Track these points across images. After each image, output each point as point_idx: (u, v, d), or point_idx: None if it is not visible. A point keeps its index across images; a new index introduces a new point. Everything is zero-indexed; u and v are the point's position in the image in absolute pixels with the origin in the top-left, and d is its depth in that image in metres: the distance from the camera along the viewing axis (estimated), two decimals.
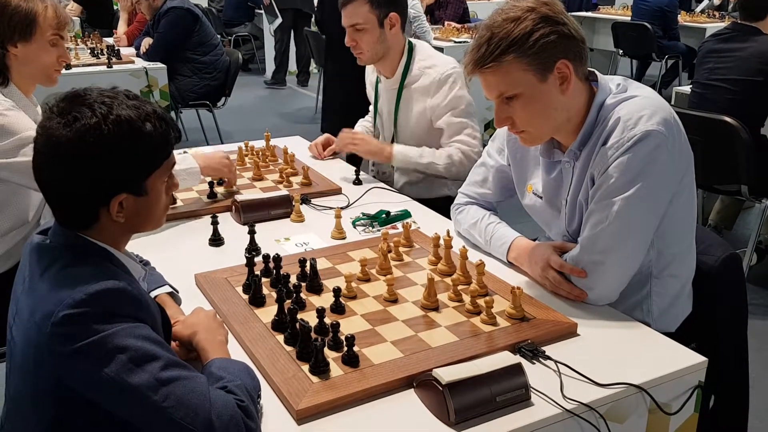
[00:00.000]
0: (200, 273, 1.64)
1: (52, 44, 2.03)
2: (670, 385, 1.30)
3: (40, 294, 1.08)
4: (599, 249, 1.49)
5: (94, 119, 1.08)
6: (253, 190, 2.23)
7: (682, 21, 7.11)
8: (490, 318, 1.42)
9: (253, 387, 1.17)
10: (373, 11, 2.29)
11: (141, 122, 1.12)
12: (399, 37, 2.38)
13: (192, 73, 4.85)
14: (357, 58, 2.40)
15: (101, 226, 1.15)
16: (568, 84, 1.47)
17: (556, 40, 1.43)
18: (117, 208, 1.13)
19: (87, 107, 1.10)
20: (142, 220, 1.19)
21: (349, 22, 2.32)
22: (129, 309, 1.08)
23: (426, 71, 2.39)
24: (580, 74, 1.50)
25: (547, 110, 1.49)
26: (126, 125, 1.10)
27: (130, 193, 1.14)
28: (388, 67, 2.43)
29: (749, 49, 3.20)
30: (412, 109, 2.42)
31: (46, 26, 1.99)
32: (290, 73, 8.85)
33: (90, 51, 4.77)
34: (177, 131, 1.21)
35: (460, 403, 1.16)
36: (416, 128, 2.43)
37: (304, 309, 1.47)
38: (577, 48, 1.47)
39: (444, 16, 6.72)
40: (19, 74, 2.02)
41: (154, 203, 1.19)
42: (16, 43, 1.97)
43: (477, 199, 1.89)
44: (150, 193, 1.16)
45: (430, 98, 2.37)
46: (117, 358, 1.03)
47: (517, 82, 1.45)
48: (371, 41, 2.32)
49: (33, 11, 1.97)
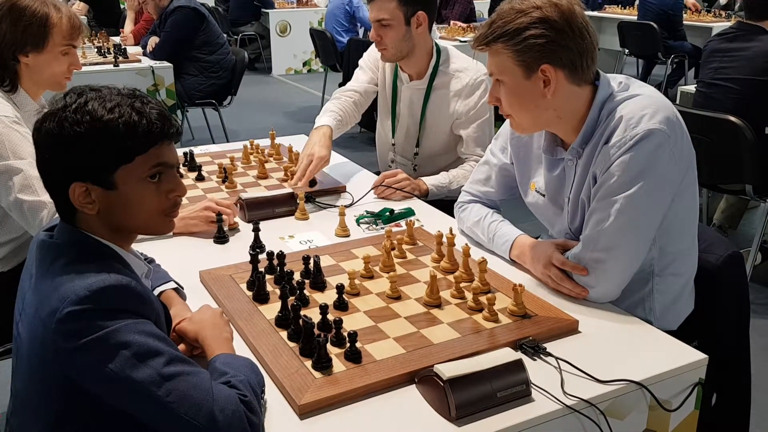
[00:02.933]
0: (205, 270, 1.66)
1: (64, 53, 2.00)
2: (671, 382, 1.31)
3: (45, 290, 1.10)
4: (601, 247, 1.50)
5: (58, 107, 1.11)
6: (258, 189, 2.25)
7: (688, 20, 7.10)
8: (491, 315, 1.43)
9: (257, 382, 1.18)
10: (400, 8, 2.26)
11: (106, 112, 1.09)
12: (426, 38, 2.36)
13: (198, 72, 4.88)
14: (381, 54, 2.37)
15: (81, 216, 1.16)
16: (552, 88, 1.48)
17: (543, 45, 1.45)
18: (81, 198, 1.12)
19: (65, 97, 1.12)
20: (121, 217, 1.16)
21: (375, 16, 2.29)
22: (132, 305, 1.10)
23: (458, 74, 2.38)
24: (574, 80, 1.50)
25: (526, 105, 1.53)
26: (86, 113, 1.09)
27: (93, 184, 1.12)
28: (414, 67, 2.41)
29: (754, 49, 3.19)
30: (439, 111, 2.41)
31: (59, 37, 1.97)
32: (296, 71, 8.87)
33: (97, 50, 4.79)
34: (166, 127, 1.14)
35: (461, 398, 1.17)
36: (441, 131, 2.43)
37: (307, 306, 1.48)
38: (570, 58, 1.47)
39: (450, 15, 6.72)
40: (29, 81, 2.01)
41: (134, 200, 1.15)
42: (27, 53, 1.95)
43: (480, 197, 1.89)
44: (122, 188, 1.13)
45: (461, 101, 2.36)
46: (121, 354, 1.04)
47: (504, 70, 1.51)
48: (396, 38, 2.30)
49: (48, 22, 1.94)
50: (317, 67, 8.68)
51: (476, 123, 2.36)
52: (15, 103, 1.98)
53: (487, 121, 2.38)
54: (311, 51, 8.00)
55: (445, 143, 2.45)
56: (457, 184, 2.31)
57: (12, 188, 1.82)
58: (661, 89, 6.63)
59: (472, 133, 2.37)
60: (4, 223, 1.98)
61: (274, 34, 8.65)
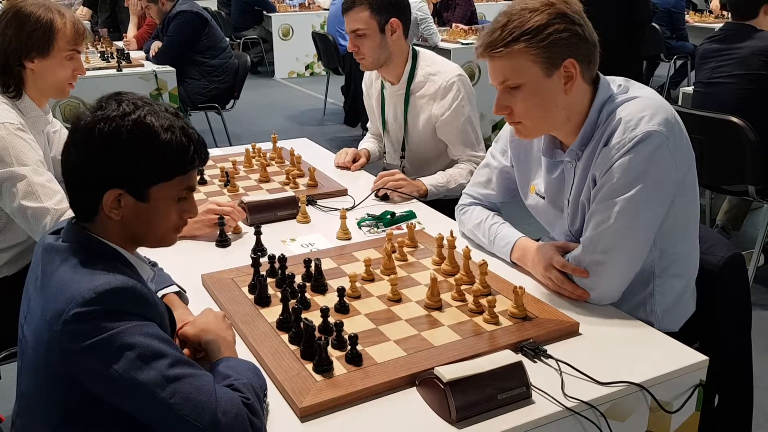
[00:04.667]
0: (207, 273, 1.66)
1: (69, 59, 2.01)
2: (671, 384, 1.31)
3: (51, 292, 1.11)
4: (601, 249, 1.50)
5: (115, 113, 1.13)
6: (260, 192, 2.25)
7: (691, 21, 7.08)
8: (492, 317, 1.43)
9: (260, 386, 1.19)
10: (373, 17, 2.32)
11: (162, 131, 1.14)
12: (401, 44, 2.40)
13: (201, 76, 4.89)
14: (359, 63, 2.42)
15: (101, 220, 1.17)
16: (572, 84, 1.48)
17: (567, 38, 1.45)
18: (112, 203, 1.14)
19: (117, 102, 1.15)
20: (141, 228, 1.19)
21: (350, 27, 2.35)
22: (138, 307, 1.11)
23: (431, 78, 2.41)
24: (586, 76, 1.51)
25: (546, 105, 1.51)
26: (144, 128, 1.13)
27: (129, 193, 1.15)
28: (393, 72, 2.45)
29: (748, 47, 3.18)
30: (419, 115, 2.44)
31: (64, 42, 1.97)
32: (299, 74, 8.89)
33: (100, 54, 4.81)
34: (204, 155, 1.21)
35: (462, 401, 1.17)
36: (424, 134, 2.46)
37: (308, 309, 1.48)
38: (588, 50, 1.48)
39: (452, 18, 6.73)
40: (34, 87, 2.01)
41: (158, 216, 1.19)
42: (33, 58, 1.96)
43: (481, 199, 1.90)
44: (153, 203, 1.17)
45: (436, 104, 2.39)
46: (125, 355, 1.05)
47: (523, 72, 1.47)
48: (372, 47, 2.35)
49: (52, 27, 1.95)
50: (320, 70, 8.70)
51: (457, 125, 2.38)
52: (19, 109, 1.99)
53: (468, 120, 2.39)
54: (313, 54, 8.01)
55: (433, 147, 2.47)
56: (455, 183, 2.34)
57: (16, 195, 1.83)
58: (663, 90, 6.65)
59: (456, 136, 2.40)
60: (8, 228, 1.99)
61: (276, 37, 8.67)
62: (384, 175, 2.26)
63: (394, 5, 2.34)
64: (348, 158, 2.55)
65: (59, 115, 4.15)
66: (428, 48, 3.01)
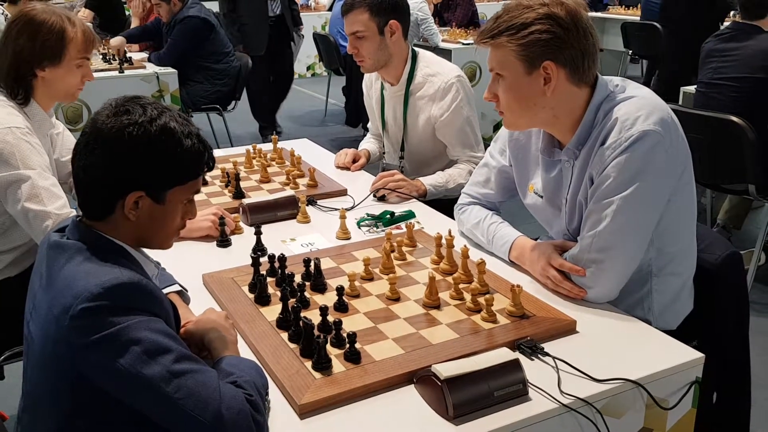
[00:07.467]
0: (208, 273, 1.68)
1: (78, 66, 2.03)
2: (667, 381, 1.32)
3: (58, 289, 1.12)
4: (598, 248, 1.51)
5: (143, 118, 1.16)
6: (261, 192, 2.27)
7: None
8: (490, 315, 1.44)
9: (262, 384, 1.20)
10: (372, 19, 2.33)
11: (183, 137, 1.18)
12: (401, 45, 2.41)
13: (204, 80, 4.92)
14: (359, 65, 2.44)
15: (114, 219, 1.19)
16: (552, 86, 1.50)
17: (547, 40, 1.46)
18: (131, 205, 1.18)
19: (141, 107, 1.18)
20: (152, 229, 1.23)
21: (350, 29, 2.37)
22: (144, 303, 1.13)
23: (430, 79, 2.42)
24: (573, 80, 1.51)
25: (524, 102, 1.53)
26: (169, 133, 1.17)
27: (148, 196, 1.18)
28: (392, 73, 2.46)
29: (751, 48, 3.19)
30: (418, 116, 2.45)
31: (75, 51, 1.99)
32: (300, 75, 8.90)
33: (102, 56, 4.83)
34: (212, 160, 1.26)
35: (459, 397, 1.18)
36: (423, 135, 2.47)
37: (307, 307, 1.50)
38: (572, 56, 1.48)
39: (453, 18, 6.73)
40: (43, 94, 2.02)
41: (169, 218, 1.23)
42: (44, 67, 1.97)
43: (480, 199, 1.91)
44: (167, 205, 1.21)
45: (435, 105, 2.40)
46: (132, 350, 1.07)
47: (506, 65, 1.51)
48: (372, 49, 2.36)
49: (64, 36, 1.96)
50: (321, 71, 8.72)
51: (456, 126, 2.39)
52: (26, 113, 2.00)
53: (467, 121, 2.40)
54: (315, 55, 8.04)
55: (432, 148, 2.48)
56: (454, 183, 2.35)
57: (20, 197, 1.85)
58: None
59: (455, 137, 2.41)
60: (12, 230, 2.01)
61: None
62: (383, 175, 2.27)
63: (393, 7, 2.35)
64: (348, 159, 2.57)
65: (61, 116, 4.17)
66: (429, 48, 3.02)
